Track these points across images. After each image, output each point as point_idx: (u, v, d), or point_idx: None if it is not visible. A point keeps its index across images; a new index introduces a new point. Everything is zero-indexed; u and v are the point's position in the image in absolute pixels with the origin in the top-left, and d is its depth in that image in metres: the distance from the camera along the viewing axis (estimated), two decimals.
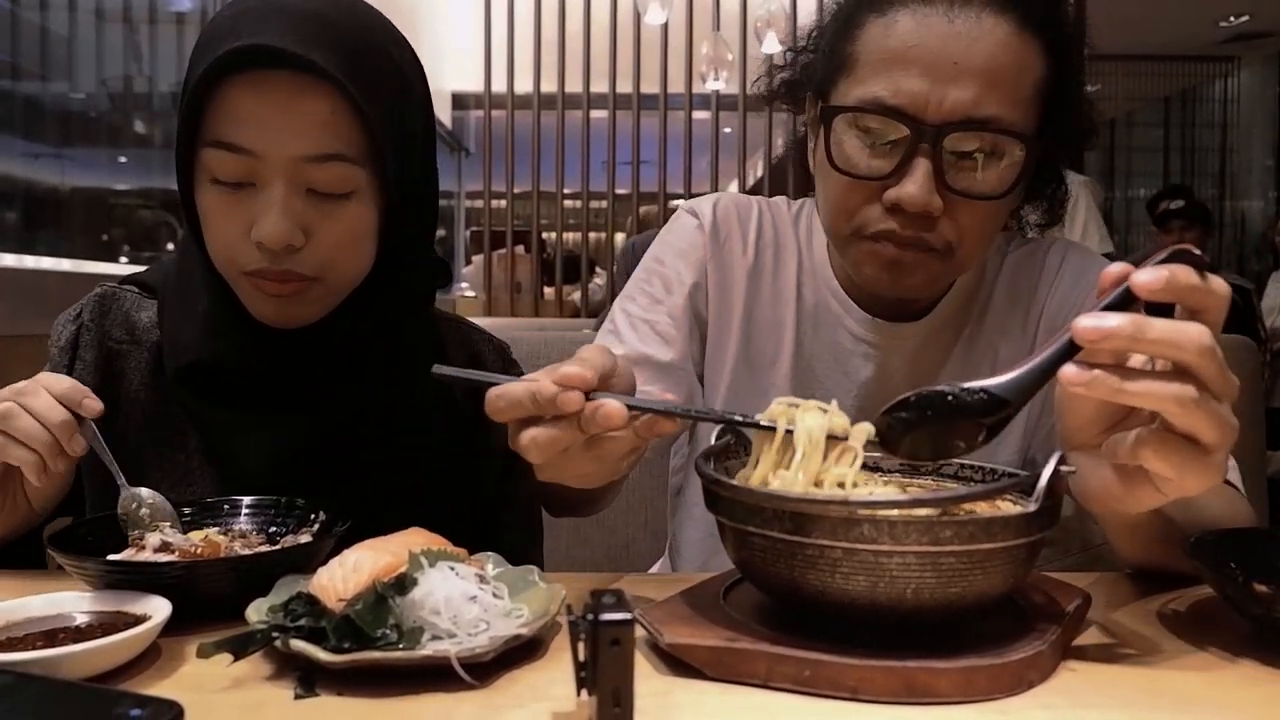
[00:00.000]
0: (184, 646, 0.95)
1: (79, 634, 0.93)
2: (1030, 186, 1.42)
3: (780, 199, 1.65)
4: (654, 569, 1.87)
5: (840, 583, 0.86)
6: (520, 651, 0.92)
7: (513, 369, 1.61)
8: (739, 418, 1.00)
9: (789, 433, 0.96)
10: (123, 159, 8.48)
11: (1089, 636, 1.00)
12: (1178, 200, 6.62)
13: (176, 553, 1.11)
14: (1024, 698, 0.85)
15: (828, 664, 0.85)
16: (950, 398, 0.91)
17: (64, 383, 1.17)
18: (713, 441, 1.09)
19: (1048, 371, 0.88)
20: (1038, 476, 0.90)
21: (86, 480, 1.36)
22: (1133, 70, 11.49)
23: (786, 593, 0.93)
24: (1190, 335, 0.83)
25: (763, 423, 0.98)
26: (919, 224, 1.28)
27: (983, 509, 0.94)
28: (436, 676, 0.85)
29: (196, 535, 1.16)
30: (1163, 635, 1.02)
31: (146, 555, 1.10)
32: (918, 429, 0.93)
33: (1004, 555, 0.87)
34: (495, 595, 0.95)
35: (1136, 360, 0.88)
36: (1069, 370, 0.84)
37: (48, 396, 1.15)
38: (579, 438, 0.94)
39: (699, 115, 7.73)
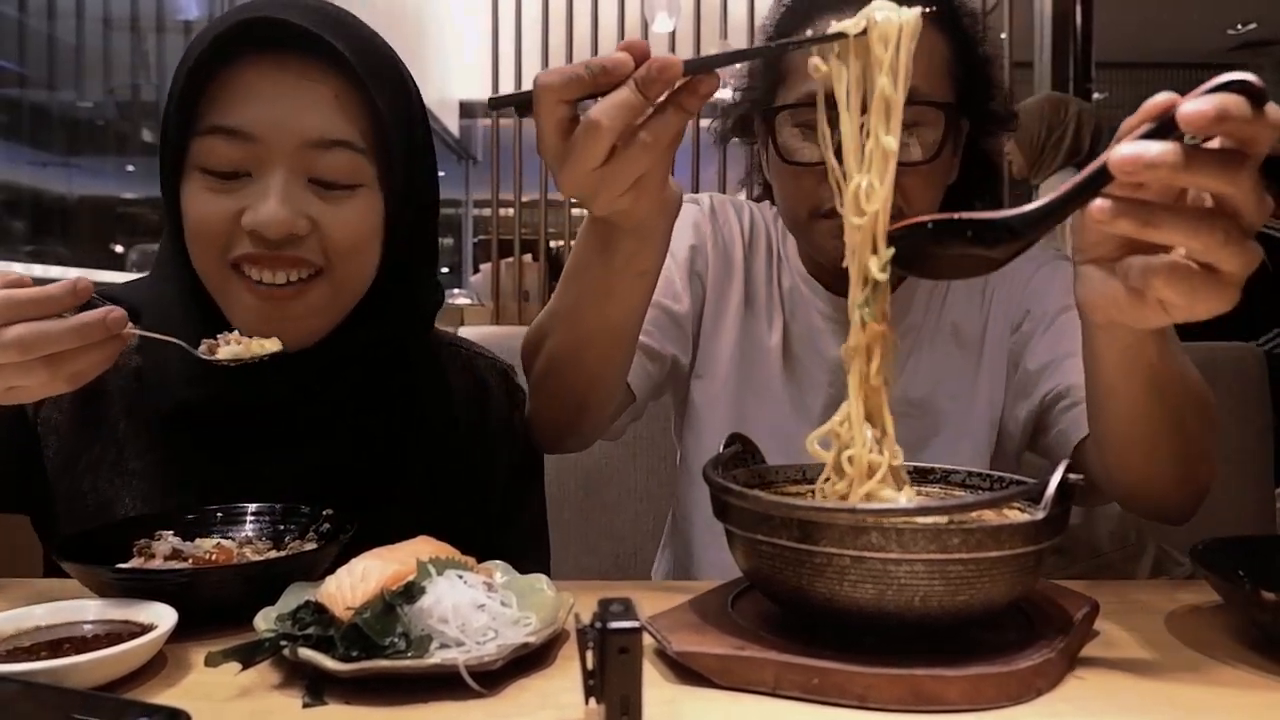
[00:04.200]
0: (192, 655, 0.95)
1: (85, 644, 0.93)
2: (968, 179, 1.59)
3: (764, 203, 1.79)
4: (655, 566, 1.87)
5: (848, 591, 0.86)
6: (528, 660, 0.92)
7: (517, 394, 1.56)
8: (793, 43, 1.10)
9: None
10: (130, 167, 8.49)
11: (1097, 644, 1.00)
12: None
13: (190, 560, 1.11)
14: (1032, 706, 0.85)
15: (835, 672, 0.85)
16: (969, 233, 0.89)
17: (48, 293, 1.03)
18: (721, 450, 1.09)
19: (1071, 203, 0.85)
20: (1046, 484, 0.89)
21: (56, 482, 1.30)
22: (1140, 78, 11.49)
23: (794, 601, 0.93)
24: (1237, 170, 0.80)
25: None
26: None
27: (990, 517, 0.94)
28: (445, 685, 0.85)
29: (207, 543, 1.16)
30: (1170, 643, 1.02)
31: (157, 563, 1.10)
32: (930, 254, 0.93)
33: (1012, 563, 0.87)
34: (503, 604, 0.95)
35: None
36: (1097, 205, 0.82)
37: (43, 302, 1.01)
38: (642, 102, 0.95)
39: (706, 123, 7.73)
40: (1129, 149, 0.79)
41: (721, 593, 1.07)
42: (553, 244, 7.86)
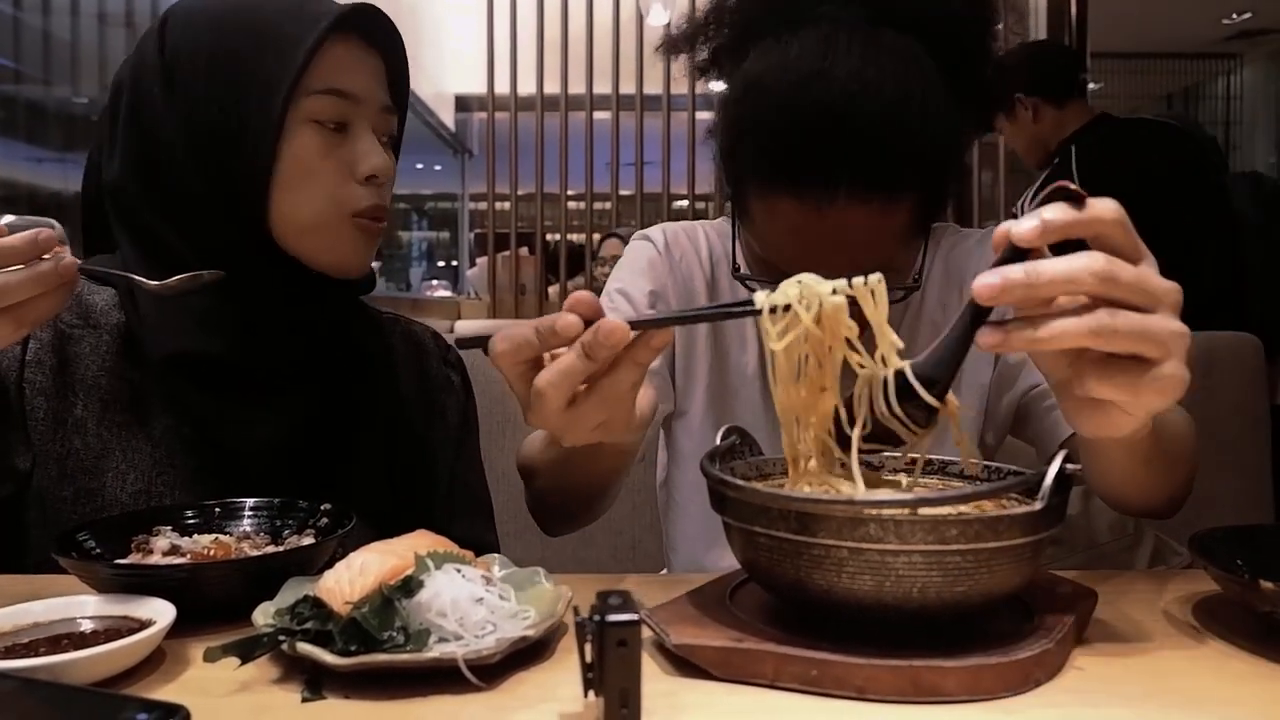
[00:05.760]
0: (190, 650, 0.95)
1: (84, 639, 0.93)
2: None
3: (724, 220, 1.72)
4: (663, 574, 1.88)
5: (846, 582, 0.86)
6: (527, 653, 0.92)
7: (450, 353, 1.69)
8: (736, 309, 1.01)
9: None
10: None
11: (1096, 634, 1.00)
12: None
13: (188, 555, 1.11)
14: (1031, 696, 0.85)
15: (834, 663, 0.85)
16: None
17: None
18: (718, 443, 1.09)
19: (964, 340, 0.90)
20: (1043, 474, 0.90)
21: (40, 475, 1.30)
22: (1135, 68, 11.47)
23: (793, 593, 0.93)
24: (1081, 264, 0.84)
25: (757, 305, 0.98)
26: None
27: (988, 507, 0.94)
28: (443, 679, 0.85)
29: (205, 539, 1.16)
30: (1169, 633, 1.02)
31: (155, 559, 1.10)
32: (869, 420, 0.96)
33: (1010, 553, 0.87)
34: (501, 597, 0.95)
35: (1064, 300, 0.87)
36: (983, 335, 0.88)
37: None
38: (589, 366, 0.95)
39: (703, 116, 7.71)
40: (985, 276, 0.85)
41: (720, 585, 1.07)
42: (549, 237, 7.85)
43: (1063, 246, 0.86)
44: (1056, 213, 0.84)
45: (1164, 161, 3.68)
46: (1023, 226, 0.84)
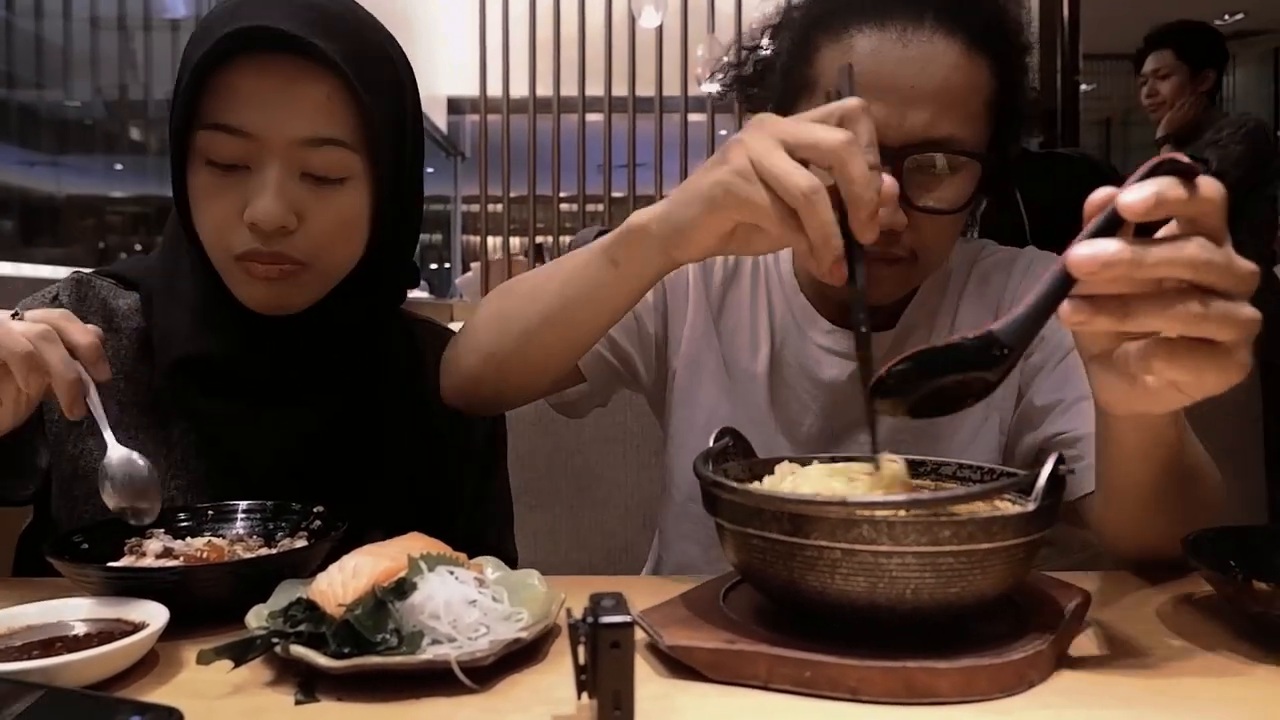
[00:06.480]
0: (184, 652, 0.95)
1: (77, 642, 0.92)
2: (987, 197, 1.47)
3: None
4: (645, 570, 1.87)
5: (839, 584, 0.86)
6: (520, 655, 0.92)
7: None
8: None
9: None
10: (119, 166, 8.48)
11: (1089, 636, 1.00)
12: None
13: (181, 558, 1.11)
14: (1024, 697, 0.85)
15: (828, 665, 0.85)
16: (953, 352, 0.86)
17: (89, 334, 1.15)
18: (710, 444, 1.09)
19: (1046, 310, 0.83)
20: (1036, 476, 0.90)
21: (55, 473, 1.34)
22: (1128, 69, 11.47)
23: (786, 594, 0.93)
24: (1188, 254, 0.79)
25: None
26: (885, 239, 1.27)
27: (981, 509, 0.94)
28: (437, 681, 0.85)
29: (198, 541, 1.16)
30: (1163, 634, 1.02)
31: (148, 562, 1.10)
32: (921, 388, 0.89)
33: (1003, 555, 0.87)
34: (495, 599, 0.95)
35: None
36: (1069, 311, 0.81)
37: (78, 333, 1.13)
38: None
39: (694, 118, 7.72)
40: (1084, 249, 0.79)
41: (713, 587, 1.07)
42: (539, 239, 7.85)
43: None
44: (1171, 189, 0.79)
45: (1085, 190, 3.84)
46: (1133, 198, 0.78)
